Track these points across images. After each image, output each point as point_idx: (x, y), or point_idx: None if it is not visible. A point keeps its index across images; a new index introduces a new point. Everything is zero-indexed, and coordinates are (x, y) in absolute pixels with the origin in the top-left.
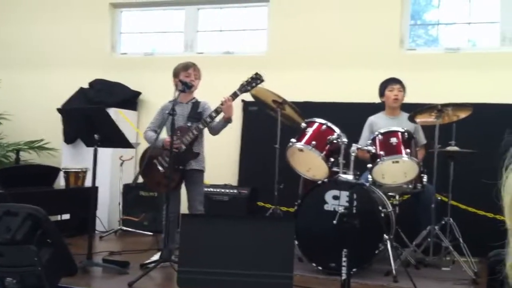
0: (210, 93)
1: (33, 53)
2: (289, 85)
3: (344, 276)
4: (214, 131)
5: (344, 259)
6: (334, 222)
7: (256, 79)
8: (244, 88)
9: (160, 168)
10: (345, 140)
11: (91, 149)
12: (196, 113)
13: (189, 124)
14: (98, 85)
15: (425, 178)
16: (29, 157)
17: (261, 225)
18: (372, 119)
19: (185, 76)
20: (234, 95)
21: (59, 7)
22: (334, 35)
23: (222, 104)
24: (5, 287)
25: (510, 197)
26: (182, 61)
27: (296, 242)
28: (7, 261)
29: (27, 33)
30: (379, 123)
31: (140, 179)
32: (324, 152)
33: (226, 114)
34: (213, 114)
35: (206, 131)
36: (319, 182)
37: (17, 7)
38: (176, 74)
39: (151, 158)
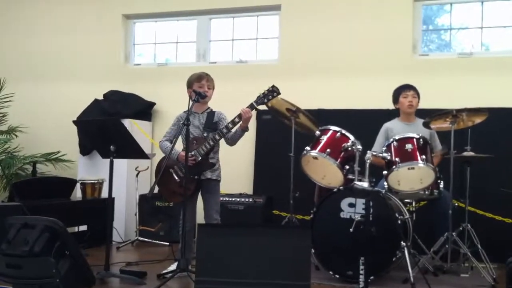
0: (224, 102)
1: (47, 66)
2: (302, 93)
3: (361, 284)
4: (232, 141)
5: (361, 267)
6: (351, 230)
7: (273, 91)
8: (260, 100)
9: (176, 177)
10: (359, 147)
11: (107, 161)
12: (212, 123)
13: (205, 134)
14: (113, 96)
15: (441, 184)
16: (46, 169)
17: (277, 234)
18: (387, 125)
19: (198, 87)
20: (251, 107)
21: (72, 19)
22: (346, 42)
23: (240, 116)
24: None
25: None
26: (195, 71)
27: (313, 251)
28: (26, 273)
29: (41, 46)
30: (394, 129)
31: (156, 189)
32: (339, 160)
33: (243, 124)
34: (230, 125)
35: (221, 141)
36: (335, 190)
37: (31, 20)
38: (189, 84)
39: (167, 167)
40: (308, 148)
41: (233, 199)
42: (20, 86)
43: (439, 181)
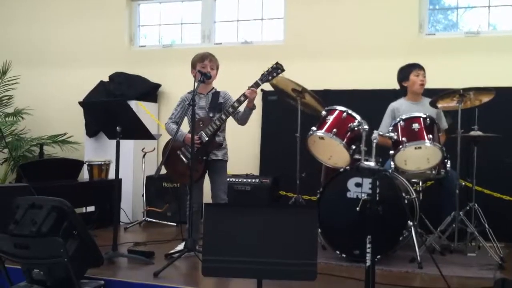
0: (229, 83)
1: (53, 49)
2: (308, 74)
3: (368, 263)
4: (242, 121)
5: (368, 246)
6: (357, 209)
7: (277, 68)
8: (265, 78)
9: (184, 159)
10: (366, 127)
11: (113, 142)
12: (217, 103)
13: (211, 115)
14: (118, 78)
15: (448, 164)
16: (53, 151)
17: (284, 214)
18: (394, 105)
19: (201, 67)
20: (256, 85)
21: (77, 2)
22: (352, 22)
23: (245, 95)
24: (33, 279)
25: None
26: (200, 52)
27: (320, 230)
28: (34, 253)
29: (46, 28)
30: (401, 109)
31: (163, 171)
32: (345, 140)
33: (249, 103)
34: (236, 105)
35: (227, 121)
36: (341, 169)
37: (36, 4)
38: (193, 65)
39: (174, 149)
40: (314, 128)
41: (240, 180)
42: (26, 69)
43: (446, 160)
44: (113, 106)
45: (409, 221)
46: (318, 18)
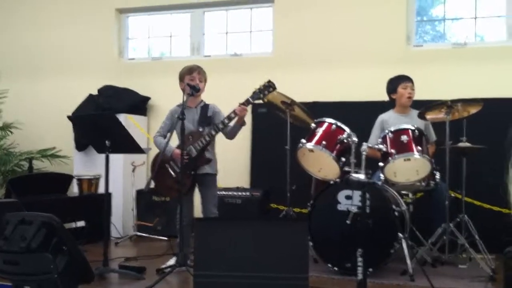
0: (218, 95)
1: (41, 61)
2: (297, 86)
3: (360, 276)
4: (231, 135)
5: (359, 259)
6: (348, 222)
7: (269, 87)
8: (256, 95)
9: (172, 172)
10: (355, 139)
11: (103, 156)
12: (206, 117)
13: (200, 129)
14: (107, 91)
15: (437, 175)
16: (42, 165)
17: (275, 227)
18: (382, 117)
19: (189, 80)
20: (247, 103)
21: (66, 14)
22: (340, 33)
23: (235, 112)
24: None
25: None
26: (187, 65)
27: (311, 243)
28: (23, 269)
29: (35, 41)
30: (390, 121)
31: (153, 184)
32: (335, 152)
33: (240, 119)
34: (226, 121)
35: (217, 134)
36: (331, 182)
37: (24, 15)
38: (181, 78)
39: (162, 162)
40: (303, 140)
41: (230, 193)
42: (14, 82)
43: (435, 172)
44: (102, 119)
45: (399, 233)
46: (306, 30)
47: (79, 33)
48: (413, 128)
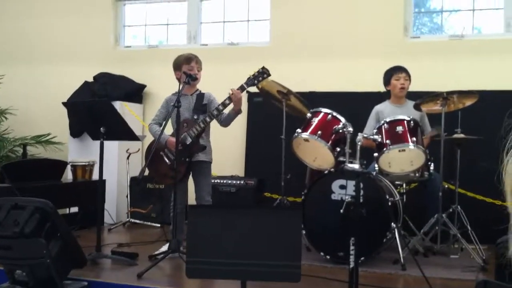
0: (214, 84)
1: (37, 48)
2: (294, 75)
3: (352, 265)
4: (225, 123)
5: (351, 247)
6: (341, 211)
7: (263, 73)
8: (251, 82)
9: (166, 160)
10: (350, 129)
11: (98, 142)
12: (201, 105)
13: (195, 117)
14: (103, 78)
15: (432, 166)
16: (36, 151)
17: (268, 215)
18: (378, 108)
19: (188, 69)
20: (241, 89)
21: (62, 1)
22: (337, 24)
23: (230, 98)
24: (15, 279)
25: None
26: (182, 54)
27: (304, 232)
28: (16, 254)
29: (31, 27)
30: (385, 112)
31: (147, 172)
32: (330, 142)
33: (235, 106)
34: (220, 108)
35: (212, 122)
36: (326, 172)
37: (20, 2)
38: (177, 67)
39: (157, 150)
40: (299, 130)
41: (225, 181)
42: (9, 68)
43: (429, 163)
44: (97, 106)
45: (392, 223)
46: (303, 20)
47: (75, 20)
48: (408, 118)
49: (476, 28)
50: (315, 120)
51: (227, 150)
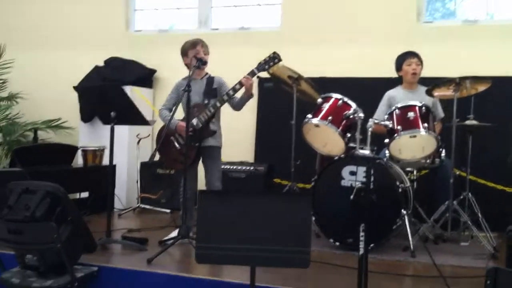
0: (226, 68)
1: (48, 32)
2: (305, 60)
3: (361, 252)
4: (238, 107)
5: (361, 234)
6: (351, 197)
7: (274, 58)
8: (261, 67)
9: (177, 145)
10: (361, 115)
11: (108, 127)
12: (212, 89)
13: (206, 101)
14: (114, 63)
15: (443, 153)
16: (47, 136)
17: (278, 201)
18: (390, 93)
19: (194, 54)
20: (252, 74)
21: None
22: (349, 8)
23: (241, 83)
24: (26, 264)
25: None
26: (196, 38)
27: (314, 218)
28: (27, 238)
29: (42, 12)
30: (397, 97)
31: (157, 157)
32: (341, 128)
33: (247, 91)
34: (231, 92)
35: (222, 108)
36: (336, 158)
37: None
38: (184, 52)
39: (167, 135)
40: (309, 116)
41: (235, 167)
42: (20, 53)
43: (440, 149)
44: (107, 90)
45: (402, 210)
46: (315, 4)
47: (86, 4)
48: (420, 104)
49: (489, 13)
50: (326, 106)
51: (237, 135)
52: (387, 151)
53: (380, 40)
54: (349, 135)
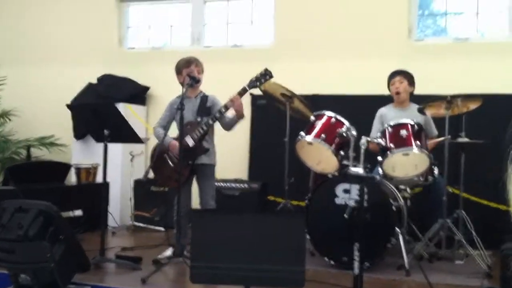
0: (218, 86)
1: (41, 49)
2: (297, 78)
3: (356, 271)
4: (228, 127)
5: (356, 253)
6: (345, 215)
7: (265, 75)
8: (253, 83)
9: (170, 162)
10: (354, 133)
11: (101, 145)
12: (205, 107)
13: (199, 119)
14: (107, 80)
15: (436, 170)
16: (40, 153)
17: (272, 220)
18: (382, 110)
19: (188, 72)
20: (243, 91)
21: (66, 2)
22: (341, 26)
23: (231, 101)
24: (19, 284)
25: None
26: (190, 55)
27: (308, 237)
28: (20, 257)
29: (35, 29)
30: (389, 115)
31: (151, 174)
32: (334, 145)
33: (237, 112)
34: (222, 110)
35: (216, 125)
36: (330, 175)
37: (23, 3)
38: (178, 70)
39: (161, 152)
40: (302, 133)
41: (228, 185)
42: (13, 70)
43: (433, 167)
44: (100, 108)
45: (397, 228)
46: (307, 22)
47: (79, 21)
48: (412, 122)
49: (479, 31)
50: (319, 123)
51: (231, 153)
52: (380, 169)
53: (372, 57)
54: (342, 153)
